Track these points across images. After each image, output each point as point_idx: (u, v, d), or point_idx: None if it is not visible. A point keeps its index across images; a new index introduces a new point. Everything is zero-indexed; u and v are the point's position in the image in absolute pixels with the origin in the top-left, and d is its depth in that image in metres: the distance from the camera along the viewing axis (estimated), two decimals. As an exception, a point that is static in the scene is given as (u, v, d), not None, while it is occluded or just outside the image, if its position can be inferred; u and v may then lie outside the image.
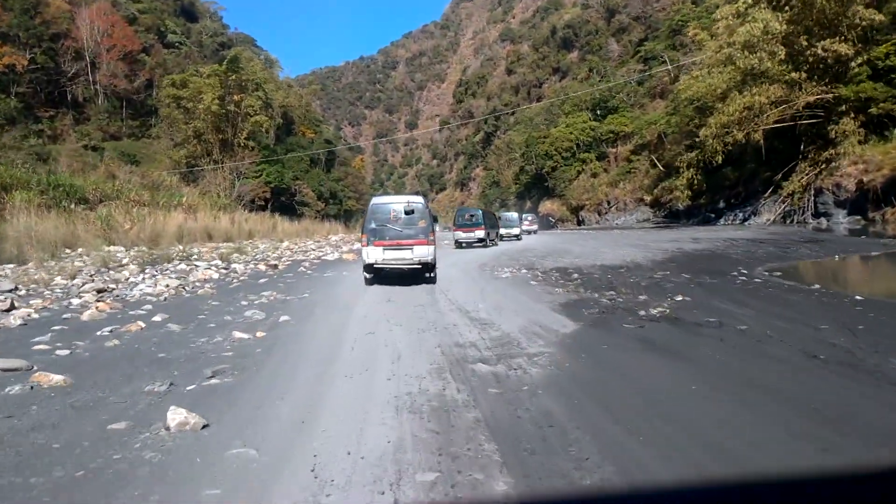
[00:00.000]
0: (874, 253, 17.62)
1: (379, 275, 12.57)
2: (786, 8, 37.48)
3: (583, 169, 70.43)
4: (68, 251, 21.22)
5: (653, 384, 4.73)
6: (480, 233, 26.95)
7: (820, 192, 36.54)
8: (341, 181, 78.12)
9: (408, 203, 12.46)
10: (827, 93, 37.00)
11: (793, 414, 3.91)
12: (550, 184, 72.50)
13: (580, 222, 67.34)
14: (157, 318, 8.07)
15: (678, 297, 9.48)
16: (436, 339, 6.61)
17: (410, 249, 11.92)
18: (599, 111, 71.62)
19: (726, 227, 37.57)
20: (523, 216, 44.48)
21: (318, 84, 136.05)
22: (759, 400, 4.24)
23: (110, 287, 11.69)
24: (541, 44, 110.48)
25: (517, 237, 34.47)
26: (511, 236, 33.56)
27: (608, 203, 65.70)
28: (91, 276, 13.37)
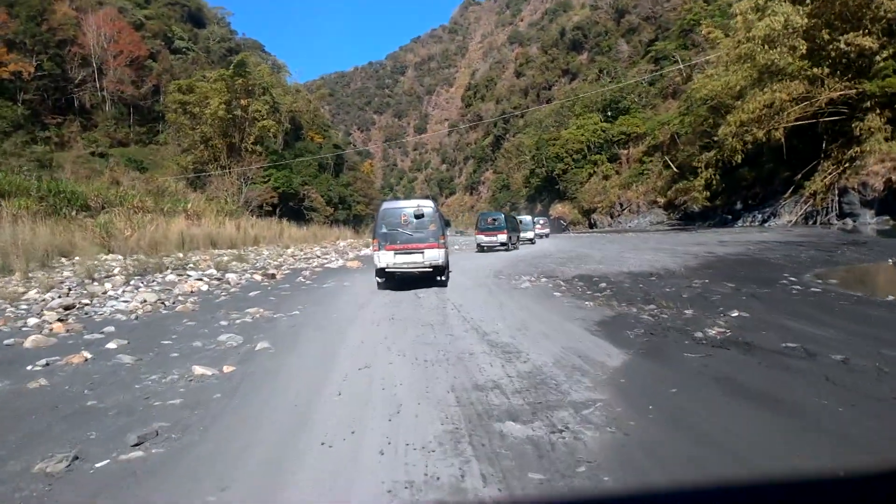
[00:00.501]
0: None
1: (392, 279, 12.43)
2: (807, 1, 35.71)
3: (594, 171, 68.84)
4: (63, 260, 20.09)
5: (770, 462, 3.18)
6: (503, 236, 26.47)
7: (845, 192, 34.66)
8: (350, 186, 76.96)
9: (418, 207, 12.35)
10: (850, 88, 35.20)
11: None
12: (561, 186, 70.90)
13: (592, 225, 65.64)
14: (112, 346, 6.62)
15: (733, 313, 7.90)
16: (448, 377, 5.08)
17: (421, 253, 11.84)
18: (610, 112, 70.03)
19: (749, 230, 35.74)
20: (535, 219, 43.03)
21: (328, 89, 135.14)
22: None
23: (82, 303, 10.30)
24: (550, 46, 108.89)
25: (531, 241, 33.42)
26: (525, 240, 32.33)
27: (620, 205, 63.94)
28: (68, 290, 12.00)
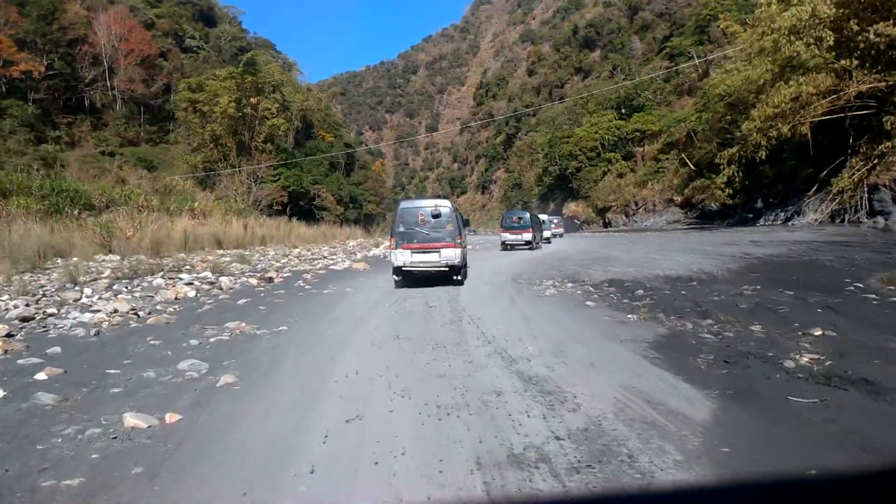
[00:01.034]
0: None
1: (408, 277, 12.41)
2: (834, -11, 33.75)
3: (608, 169, 66.89)
4: (59, 261, 18.92)
5: None
6: (528, 235, 26.03)
7: (875, 189, 32.65)
8: (361, 185, 75.68)
9: (435, 206, 12.38)
10: (880, 81, 33.21)
11: None
12: (575, 185, 69.00)
13: (606, 224, 63.72)
14: (42, 376, 5.16)
15: (815, 331, 6.30)
16: (470, 440, 3.53)
17: (438, 252, 11.87)
18: (624, 110, 68.08)
19: (775, 228, 33.80)
20: (549, 218, 41.45)
21: (339, 88, 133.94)
22: None
23: (46, 313, 8.90)
24: (562, 44, 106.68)
25: (547, 240, 32.01)
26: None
27: (636, 204, 61.96)
28: (39, 297, 10.66)
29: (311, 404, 4.29)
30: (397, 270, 12.14)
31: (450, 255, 11.87)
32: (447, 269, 12.07)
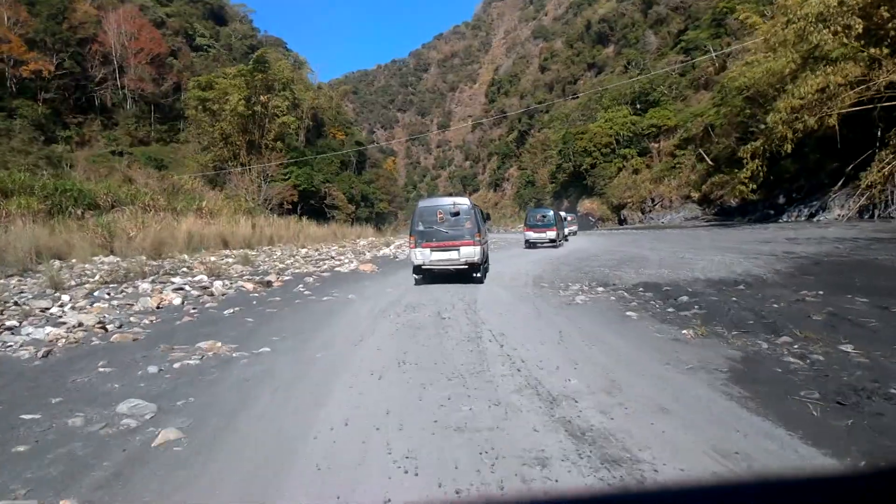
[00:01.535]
0: None
1: (428, 275, 12.42)
2: (864, -26, 31.89)
3: (624, 165, 65.06)
4: (57, 263, 17.88)
5: None
6: (552, 233, 25.67)
7: (907, 183, 30.92)
8: (373, 184, 74.52)
9: (454, 204, 12.27)
10: (913, 70, 31.38)
11: None
12: (589, 181, 67.26)
13: (622, 221, 61.95)
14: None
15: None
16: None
17: (457, 250, 11.82)
18: (640, 105, 66.21)
19: (802, 225, 32.03)
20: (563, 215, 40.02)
21: (350, 86, 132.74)
22: None
23: (2, 326, 7.69)
24: (575, 40, 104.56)
25: (564, 238, 30.47)
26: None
27: (652, 201, 60.12)
28: (5, 306, 9.47)
29: (275, 483, 2.95)
30: (417, 269, 12.19)
31: (469, 253, 11.77)
32: (467, 267, 11.96)
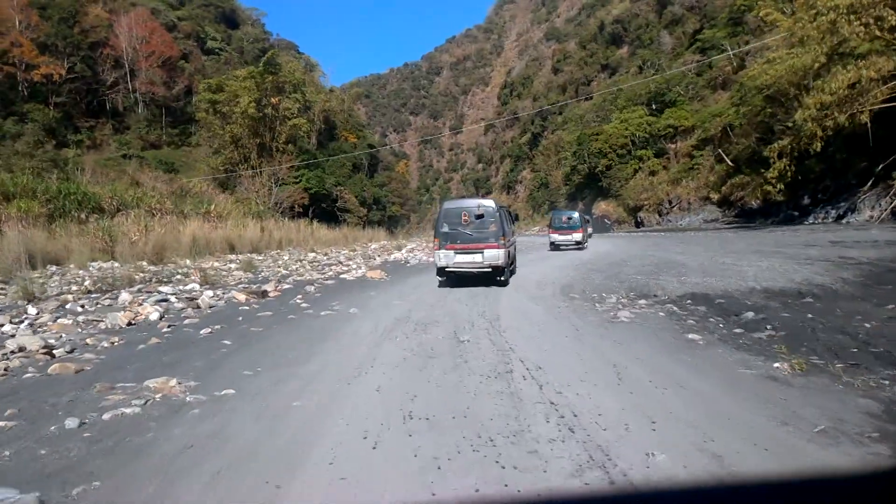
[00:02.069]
0: None
1: (451, 277, 12.10)
2: (898, -37, 30.02)
3: (640, 167, 63.09)
4: (53, 269, 16.79)
5: None
6: (578, 235, 25.03)
7: (944, 183, 28.95)
8: (385, 186, 73.24)
9: (478, 206, 12.02)
10: (949, 64, 29.48)
11: None
12: (604, 183, 65.39)
13: (638, 224, 60.01)
14: None
15: None
16: None
17: (481, 253, 11.48)
18: (655, 105, 64.26)
19: (834, 227, 30.12)
20: (578, 217, 38.55)
21: (363, 89, 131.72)
22: None
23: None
24: (588, 41, 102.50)
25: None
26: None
27: (669, 203, 58.14)
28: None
29: None
30: (441, 271, 11.93)
31: (493, 256, 11.40)
32: (490, 270, 11.56)
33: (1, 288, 12.41)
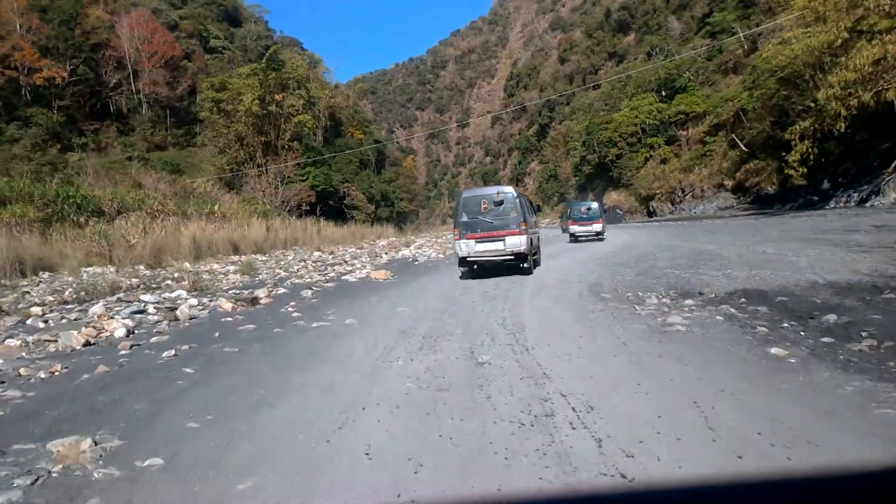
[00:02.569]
0: None
1: (473, 268, 12.06)
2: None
3: (651, 155, 61.22)
4: (45, 275, 15.74)
5: None
6: (598, 226, 24.71)
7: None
8: (392, 182, 71.94)
9: (498, 193, 11.83)
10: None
11: None
12: (615, 173, 63.60)
13: (651, 213, 58.21)
14: None
15: None
16: None
17: (502, 241, 11.27)
18: (665, 92, 62.25)
19: (860, 210, 28.18)
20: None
21: (368, 85, 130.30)
22: None
23: None
24: (594, 29, 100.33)
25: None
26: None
27: (682, 191, 56.24)
28: None
29: None
30: (462, 261, 11.77)
31: (515, 243, 11.19)
32: (513, 258, 11.36)
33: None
